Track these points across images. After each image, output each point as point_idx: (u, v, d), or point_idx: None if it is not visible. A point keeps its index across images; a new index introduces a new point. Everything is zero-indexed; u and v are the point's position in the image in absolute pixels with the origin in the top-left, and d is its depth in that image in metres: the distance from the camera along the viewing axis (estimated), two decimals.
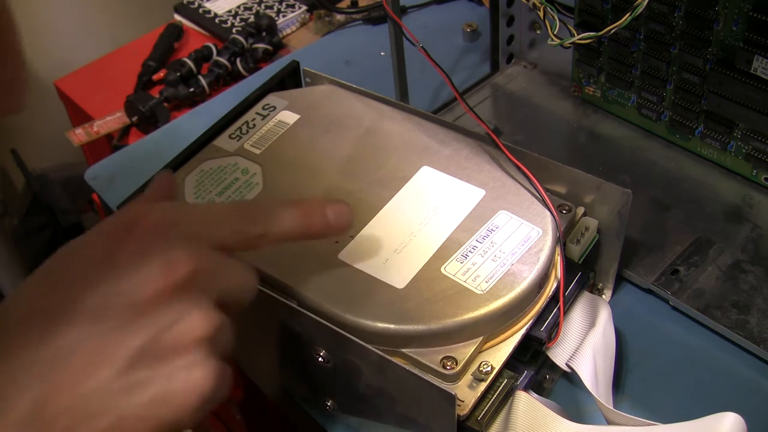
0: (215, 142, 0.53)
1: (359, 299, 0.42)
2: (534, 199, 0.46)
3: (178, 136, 0.66)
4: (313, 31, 0.89)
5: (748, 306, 0.48)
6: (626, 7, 0.50)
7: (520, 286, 0.42)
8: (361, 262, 0.44)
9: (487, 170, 0.48)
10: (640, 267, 0.51)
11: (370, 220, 0.46)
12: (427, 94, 0.67)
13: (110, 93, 0.87)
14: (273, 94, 0.56)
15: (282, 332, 0.44)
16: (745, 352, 0.47)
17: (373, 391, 0.42)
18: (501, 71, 0.68)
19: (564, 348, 0.45)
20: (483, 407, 0.41)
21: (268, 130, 0.53)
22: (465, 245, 0.44)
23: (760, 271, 0.50)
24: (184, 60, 0.84)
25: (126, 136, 0.84)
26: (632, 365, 0.48)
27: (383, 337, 0.41)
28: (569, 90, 0.65)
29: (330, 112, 0.54)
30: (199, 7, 0.95)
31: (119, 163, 0.68)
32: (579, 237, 0.46)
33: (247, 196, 0.48)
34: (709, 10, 0.50)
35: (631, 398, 0.46)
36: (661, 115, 0.59)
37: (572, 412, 0.45)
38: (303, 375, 0.46)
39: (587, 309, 0.47)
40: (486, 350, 0.42)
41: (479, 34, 0.75)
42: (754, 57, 0.49)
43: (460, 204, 0.46)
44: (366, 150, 0.51)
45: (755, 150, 0.53)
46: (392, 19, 0.56)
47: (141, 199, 0.38)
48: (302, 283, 0.43)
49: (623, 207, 0.45)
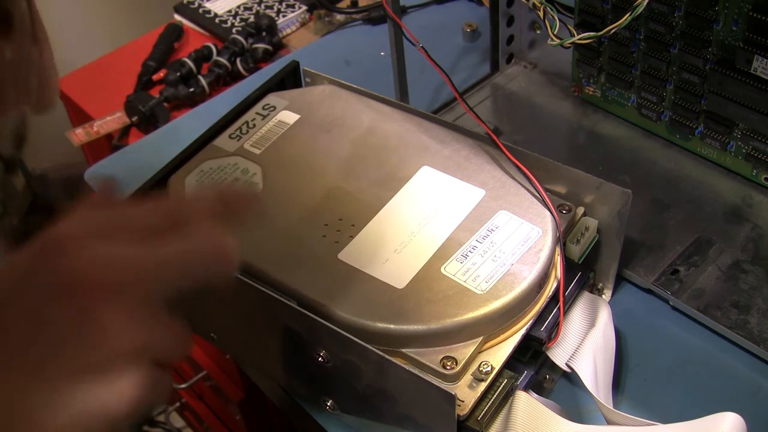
0: (215, 142, 0.53)
1: (359, 299, 0.42)
2: (534, 199, 0.46)
3: (178, 136, 0.66)
4: (313, 31, 0.89)
5: (748, 306, 0.48)
6: (626, 7, 0.50)
7: (520, 286, 0.42)
8: (361, 262, 0.44)
9: (487, 170, 0.48)
10: (640, 267, 0.51)
11: (370, 220, 0.46)
12: (427, 94, 0.67)
13: (110, 93, 0.87)
14: (273, 94, 0.56)
15: (282, 332, 0.44)
16: (745, 352, 0.47)
17: (373, 391, 0.42)
18: (501, 71, 0.68)
19: (564, 348, 0.45)
20: (483, 407, 0.41)
21: (268, 130, 0.53)
22: (465, 245, 0.44)
23: (760, 271, 0.50)
24: (184, 60, 0.84)
25: (126, 136, 0.84)
26: (632, 365, 0.48)
27: (383, 337, 0.41)
28: (569, 90, 0.65)
29: (330, 112, 0.54)
30: (199, 7, 0.95)
31: (119, 163, 0.68)
32: (579, 237, 0.46)
33: None
34: (709, 10, 0.50)
35: (631, 398, 0.46)
36: (661, 115, 0.59)
37: (572, 412, 0.45)
38: (303, 375, 0.46)
39: (587, 309, 0.47)
40: (486, 350, 0.42)
41: (479, 34, 0.75)
42: (754, 57, 0.49)
43: (460, 204, 0.46)
44: (366, 150, 0.51)
45: (755, 150, 0.53)
46: (392, 19, 0.56)
47: (73, 221, 0.34)
48: (302, 283, 0.43)
49: (623, 207, 0.45)
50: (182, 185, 0.50)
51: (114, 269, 0.30)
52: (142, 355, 0.31)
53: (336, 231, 0.46)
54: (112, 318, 0.30)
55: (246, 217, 0.37)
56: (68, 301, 0.30)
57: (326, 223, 0.46)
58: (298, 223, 0.47)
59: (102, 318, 0.30)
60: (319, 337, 0.41)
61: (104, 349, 0.30)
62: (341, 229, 0.46)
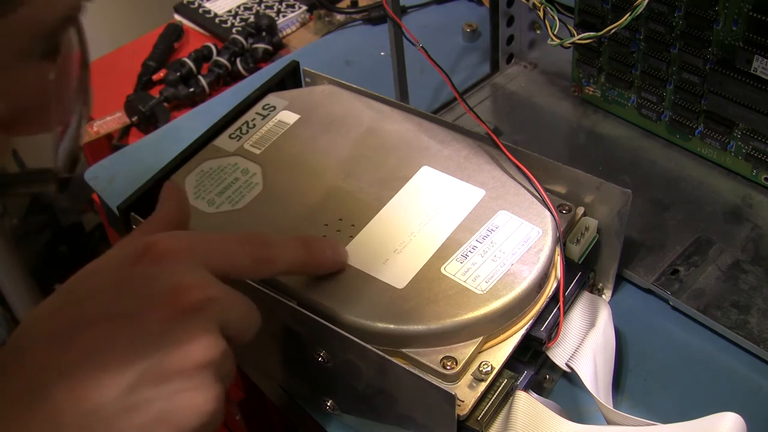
0: (215, 142, 0.53)
1: (359, 299, 0.42)
2: (534, 199, 0.46)
3: (178, 136, 0.66)
4: (313, 31, 0.89)
5: (748, 306, 0.48)
6: (626, 7, 0.50)
7: (520, 286, 0.42)
8: (361, 262, 0.44)
9: (487, 170, 0.48)
10: (640, 267, 0.51)
11: (370, 220, 0.46)
12: (427, 94, 0.67)
13: (110, 93, 0.87)
14: (273, 94, 0.56)
15: (282, 332, 0.44)
16: (745, 352, 0.47)
17: (373, 391, 0.42)
18: (501, 71, 0.68)
19: (564, 348, 0.45)
20: (483, 407, 0.41)
21: (268, 130, 0.53)
22: (465, 245, 0.44)
23: (760, 271, 0.50)
24: (184, 60, 0.84)
25: (126, 136, 0.84)
26: (632, 365, 0.48)
27: (383, 337, 0.41)
28: (569, 90, 0.65)
29: (330, 112, 0.54)
30: (199, 7, 0.95)
31: (119, 163, 0.68)
32: (579, 237, 0.46)
33: (246, 196, 0.48)
34: (709, 10, 0.50)
35: (631, 398, 0.46)
36: (661, 115, 0.59)
37: (572, 412, 0.45)
38: (303, 375, 0.46)
39: (587, 309, 0.47)
40: (486, 350, 0.42)
41: (479, 34, 0.75)
42: (754, 57, 0.49)
43: (460, 204, 0.46)
44: (366, 150, 0.51)
45: (755, 150, 0.53)
46: (392, 19, 0.56)
47: (154, 221, 0.39)
48: (302, 283, 0.43)
49: (623, 207, 0.45)
50: (182, 185, 0.50)
51: (207, 289, 0.33)
52: (219, 367, 0.33)
53: (336, 231, 0.46)
54: (199, 331, 0.32)
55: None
56: (161, 308, 0.32)
57: (326, 223, 0.46)
58: (298, 223, 0.47)
59: (190, 329, 0.32)
60: (319, 337, 0.41)
61: (188, 357, 0.31)
62: (341, 229, 0.46)
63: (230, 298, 0.34)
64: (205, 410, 0.32)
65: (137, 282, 0.33)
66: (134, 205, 0.48)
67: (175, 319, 0.32)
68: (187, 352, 0.32)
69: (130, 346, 0.31)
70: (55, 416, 0.30)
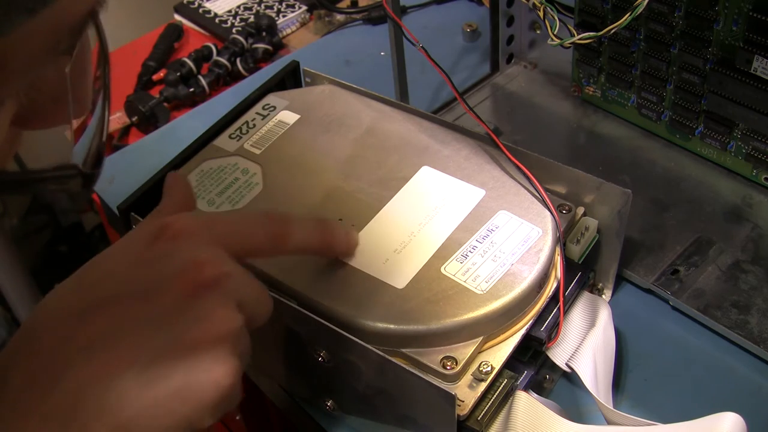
0: (215, 142, 0.53)
1: (359, 299, 0.42)
2: (534, 199, 0.46)
3: (178, 136, 0.66)
4: (313, 31, 0.89)
5: (748, 306, 0.48)
6: (626, 7, 0.50)
7: (520, 286, 0.42)
8: (361, 262, 0.44)
9: (487, 170, 0.48)
10: (640, 267, 0.51)
11: (370, 220, 0.46)
12: (427, 94, 0.67)
13: (110, 93, 0.87)
14: (273, 94, 0.56)
15: (282, 332, 0.44)
16: (745, 352, 0.47)
17: (373, 391, 0.42)
18: (501, 71, 0.68)
19: (564, 348, 0.45)
20: (483, 407, 0.41)
21: (268, 130, 0.53)
22: (465, 245, 0.44)
23: (760, 271, 0.50)
24: (184, 60, 0.84)
25: (126, 136, 0.84)
26: (632, 365, 0.48)
27: (383, 337, 0.41)
28: (569, 90, 0.65)
29: (330, 112, 0.54)
30: (199, 7, 0.95)
31: (119, 163, 0.68)
32: (579, 237, 0.46)
33: (246, 196, 0.48)
34: (709, 10, 0.50)
35: (631, 398, 0.46)
36: (661, 115, 0.59)
37: (572, 412, 0.45)
38: (303, 375, 0.46)
39: (587, 309, 0.47)
40: (486, 350, 0.42)
41: (479, 34, 0.75)
42: (754, 57, 0.49)
43: (460, 204, 0.46)
44: (366, 150, 0.51)
45: (755, 150, 0.53)
46: (392, 19, 0.55)
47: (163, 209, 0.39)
48: (302, 283, 0.43)
49: (623, 207, 0.45)
50: None
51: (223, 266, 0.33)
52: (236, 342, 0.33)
53: None
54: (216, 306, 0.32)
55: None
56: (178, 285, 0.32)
57: None
58: None
59: (207, 304, 0.32)
60: (319, 337, 0.41)
61: (206, 330, 0.32)
62: None
63: (245, 277, 0.35)
64: (224, 384, 0.31)
65: (153, 260, 0.33)
66: (134, 205, 0.48)
67: (192, 295, 0.32)
68: (205, 325, 0.32)
69: (147, 322, 0.31)
70: (74, 392, 0.30)
